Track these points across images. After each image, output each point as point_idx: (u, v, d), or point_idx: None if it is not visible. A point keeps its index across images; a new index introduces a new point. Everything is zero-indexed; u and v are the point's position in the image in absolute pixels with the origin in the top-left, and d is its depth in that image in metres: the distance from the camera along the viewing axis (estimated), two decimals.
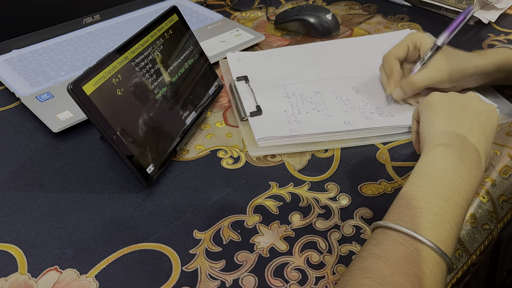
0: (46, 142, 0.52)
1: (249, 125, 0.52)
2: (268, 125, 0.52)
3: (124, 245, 0.40)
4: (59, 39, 0.69)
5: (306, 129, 0.51)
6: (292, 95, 0.57)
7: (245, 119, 0.53)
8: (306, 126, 0.51)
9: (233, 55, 0.65)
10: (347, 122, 0.51)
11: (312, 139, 0.50)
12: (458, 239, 0.41)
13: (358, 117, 0.52)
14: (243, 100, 0.56)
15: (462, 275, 0.41)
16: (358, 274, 0.31)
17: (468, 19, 0.49)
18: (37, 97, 0.56)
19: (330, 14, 0.72)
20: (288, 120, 0.52)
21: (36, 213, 0.43)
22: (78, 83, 0.39)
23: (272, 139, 0.50)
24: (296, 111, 0.54)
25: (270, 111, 0.54)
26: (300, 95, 0.57)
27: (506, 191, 0.46)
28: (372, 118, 0.52)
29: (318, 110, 0.54)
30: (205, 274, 0.38)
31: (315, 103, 0.55)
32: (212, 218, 0.42)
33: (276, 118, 0.53)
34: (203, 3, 0.84)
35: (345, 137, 0.51)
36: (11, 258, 0.39)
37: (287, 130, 0.50)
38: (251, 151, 0.50)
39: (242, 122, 0.54)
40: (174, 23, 0.53)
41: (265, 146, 0.50)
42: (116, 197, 0.45)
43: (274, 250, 0.39)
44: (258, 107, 0.54)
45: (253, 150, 0.50)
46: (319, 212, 0.43)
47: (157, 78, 0.48)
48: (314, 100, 0.56)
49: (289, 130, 0.50)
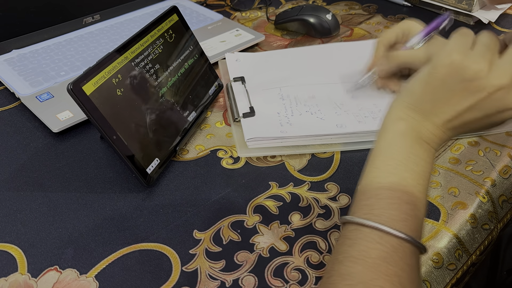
0: (46, 142, 0.52)
1: (241, 126, 0.52)
2: (259, 126, 0.51)
3: (124, 245, 0.40)
4: (59, 39, 0.69)
5: (297, 131, 0.50)
6: (286, 97, 0.56)
7: (237, 119, 0.53)
8: (297, 128, 0.51)
9: (232, 55, 0.65)
10: (339, 125, 0.51)
11: (303, 141, 0.50)
12: (458, 239, 0.41)
13: (351, 121, 0.52)
14: (238, 101, 0.56)
15: (462, 275, 0.41)
16: (338, 281, 0.30)
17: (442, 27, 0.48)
18: (37, 97, 0.56)
19: (330, 14, 0.72)
20: (280, 121, 0.52)
21: (36, 213, 0.43)
22: (78, 83, 0.39)
23: (262, 140, 0.50)
24: (289, 113, 0.53)
25: (263, 113, 0.54)
26: (295, 97, 0.56)
27: (506, 191, 0.46)
28: (366, 122, 0.51)
29: (311, 113, 0.53)
30: (205, 274, 0.38)
31: (309, 105, 0.55)
32: (212, 218, 0.42)
33: (268, 120, 0.52)
34: (203, 3, 0.84)
35: (336, 141, 0.50)
36: (11, 258, 0.39)
37: (278, 132, 0.50)
38: (240, 152, 0.49)
39: (235, 123, 0.53)
40: (174, 23, 0.53)
41: (254, 148, 0.50)
42: (116, 197, 0.45)
43: (274, 250, 0.39)
44: (251, 108, 0.54)
45: (242, 151, 0.50)
46: (319, 212, 0.43)
47: (157, 78, 0.48)
48: (308, 102, 0.55)
49: (280, 132, 0.50)
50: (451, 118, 0.35)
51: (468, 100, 0.34)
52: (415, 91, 0.36)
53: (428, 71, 0.36)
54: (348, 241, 0.32)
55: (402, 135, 0.35)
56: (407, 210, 0.32)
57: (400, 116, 0.36)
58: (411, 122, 0.35)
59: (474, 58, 0.34)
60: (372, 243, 0.31)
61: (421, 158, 0.34)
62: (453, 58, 0.35)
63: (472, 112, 0.35)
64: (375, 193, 0.33)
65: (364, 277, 0.29)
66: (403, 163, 0.34)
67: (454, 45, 0.35)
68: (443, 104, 0.35)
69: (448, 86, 0.35)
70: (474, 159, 0.48)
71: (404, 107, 0.36)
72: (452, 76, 0.35)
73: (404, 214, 0.32)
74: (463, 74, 0.34)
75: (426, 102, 0.36)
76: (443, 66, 0.35)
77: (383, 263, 0.30)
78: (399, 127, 0.36)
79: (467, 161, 0.48)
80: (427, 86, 0.36)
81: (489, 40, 0.35)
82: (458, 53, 0.35)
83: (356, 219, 0.32)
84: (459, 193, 0.45)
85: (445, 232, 0.41)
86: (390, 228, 0.31)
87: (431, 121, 0.35)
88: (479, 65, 0.34)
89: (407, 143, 0.35)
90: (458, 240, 0.41)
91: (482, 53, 0.34)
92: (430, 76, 0.36)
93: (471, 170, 0.47)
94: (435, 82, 0.35)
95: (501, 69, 0.34)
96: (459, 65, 0.34)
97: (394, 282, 0.29)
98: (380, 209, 0.32)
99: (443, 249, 0.40)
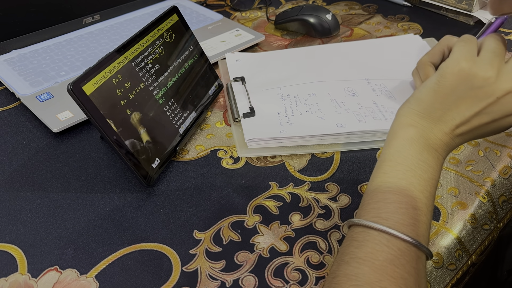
0: (46, 142, 0.52)
1: (241, 126, 0.52)
2: (259, 126, 0.51)
3: (124, 245, 0.40)
4: (59, 39, 0.69)
5: (297, 131, 0.50)
6: (286, 97, 0.56)
7: (238, 120, 0.53)
8: (297, 128, 0.51)
9: (232, 55, 0.65)
10: (339, 125, 0.51)
11: (303, 141, 0.50)
12: (458, 239, 0.41)
13: (351, 120, 0.52)
14: (238, 101, 0.56)
15: (462, 275, 0.41)
16: (344, 282, 0.30)
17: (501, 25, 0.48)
18: (37, 97, 0.56)
19: (330, 14, 0.72)
20: (280, 122, 0.52)
21: (36, 213, 0.43)
22: (78, 83, 0.39)
23: (262, 140, 0.50)
24: (289, 113, 0.53)
25: (264, 113, 0.54)
26: (295, 97, 0.56)
27: (506, 191, 0.46)
28: (366, 122, 0.51)
29: (312, 113, 0.53)
30: (205, 274, 0.38)
31: (309, 105, 0.55)
32: (212, 218, 0.42)
33: (268, 120, 0.52)
34: (203, 3, 0.84)
35: (337, 141, 0.50)
36: (11, 258, 0.39)
37: (278, 132, 0.50)
38: (240, 152, 0.49)
39: (235, 123, 0.53)
40: (174, 23, 0.53)
41: (254, 148, 0.50)
42: (116, 197, 0.45)
43: (274, 250, 0.39)
44: (251, 109, 0.54)
45: (242, 152, 0.50)
46: (319, 212, 0.43)
47: (157, 78, 0.48)
48: (309, 102, 0.55)
49: (280, 132, 0.50)
50: (459, 124, 0.36)
51: (477, 106, 0.35)
52: (424, 99, 0.37)
53: (437, 79, 0.36)
54: (355, 243, 0.32)
55: (411, 142, 0.36)
56: (415, 215, 0.32)
57: (409, 123, 0.36)
58: (420, 129, 0.36)
59: (482, 65, 0.35)
60: (380, 246, 0.31)
61: (429, 165, 0.35)
62: (461, 66, 0.35)
63: (480, 117, 0.35)
64: (383, 197, 0.33)
65: (370, 278, 0.29)
66: (411, 169, 0.34)
67: (461, 53, 0.36)
68: (452, 111, 0.36)
69: (457, 93, 0.35)
70: (474, 159, 0.48)
71: (413, 114, 0.37)
72: (461, 84, 0.35)
73: (412, 219, 0.32)
74: (472, 82, 0.35)
75: (435, 110, 0.36)
76: (452, 74, 0.35)
77: (390, 265, 0.30)
78: (408, 133, 0.36)
79: (467, 161, 0.48)
80: (436, 94, 0.36)
81: (496, 46, 0.36)
82: (466, 60, 0.35)
83: (364, 222, 0.32)
84: (459, 193, 0.45)
85: (445, 232, 0.41)
86: (398, 231, 0.31)
87: (440, 128, 0.36)
88: (487, 72, 0.34)
89: (416, 150, 0.35)
90: (458, 240, 0.41)
91: (490, 59, 0.35)
92: (438, 84, 0.36)
93: (471, 170, 0.47)
94: (444, 90, 0.36)
95: (509, 73, 0.34)
96: (468, 72, 0.35)
97: (400, 284, 0.29)
98: (388, 213, 0.32)
99: (443, 249, 0.40)
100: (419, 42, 0.67)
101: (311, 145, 0.50)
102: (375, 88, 0.58)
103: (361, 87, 0.58)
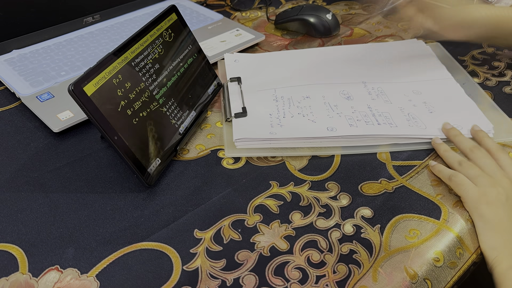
0: (46, 142, 0.52)
1: (232, 126, 0.52)
2: (249, 126, 0.51)
3: (124, 244, 0.40)
4: (59, 39, 0.70)
5: (286, 133, 0.50)
6: (280, 99, 0.56)
7: (229, 119, 0.53)
8: (287, 130, 0.50)
9: (231, 56, 0.65)
10: (329, 129, 0.50)
11: (291, 143, 0.50)
12: (459, 237, 0.41)
13: (342, 124, 0.51)
14: (231, 101, 0.55)
15: (463, 274, 0.41)
16: None
17: None
18: (38, 97, 0.56)
19: (330, 14, 0.72)
20: (271, 123, 0.52)
21: (36, 213, 0.43)
22: (79, 84, 0.39)
23: (250, 140, 0.49)
24: (281, 115, 0.53)
25: (256, 114, 0.53)
26: (289, 99, 0.56)
27: None
28: (357, 126, 0.51)
29: (304, 115, 0.53)
30: (205, 273, 0.38)
31: (302, 107, 0.54)
32: (213, 218, 0.42)
33: (259, 121, 0.52)
34: (203, 3, 0.84)
35: (326, 144, 0.50)
36: (12, 258, 0.39)
37: (267, 133, 0.50)
38: (228, 152, 0.49)
39: (227, 123, 0.53)
40: (173, 22, 0.53)
41: (242, 148, 0.50)
42: (117, 197, 0.45)
43: (274, 249, 0.39)
44: (243, 109, 0.54)
45: (230, 151, 0.49)
46: (319, 211, 0.43)
47: (157, 77, 0.48)
48: (302, 104, 0.55)
49: (269, 133, 0.50)
50: None
51: None
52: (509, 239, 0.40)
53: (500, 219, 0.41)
54: None
55: None
56: None
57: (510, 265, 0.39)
58: None
59: None
60: None
61: None
62: None
63: None
64: None
65: None
66: None
67: None
68: None
69: None
70: None
71: (510, 255, 0.40)
72: None
73: None
74: None
75: None
76: None
77: None
78: None
79: None
80: None
81: None
82: None
83: None
84: None
85: (446, 231, 0.41)
86: None
87: None
88: None
89: None
90: (459, 239, 0.41)
91: None
92: None
93: None
94: None
95: None
96: None
97: None
98: None
99: (444, 248, 0.40)
100: (422, 47, 0.67)
101: (300, 148, 0.50)
102: (371, 92, 0.57)
103: (357, 91, 0.57)
